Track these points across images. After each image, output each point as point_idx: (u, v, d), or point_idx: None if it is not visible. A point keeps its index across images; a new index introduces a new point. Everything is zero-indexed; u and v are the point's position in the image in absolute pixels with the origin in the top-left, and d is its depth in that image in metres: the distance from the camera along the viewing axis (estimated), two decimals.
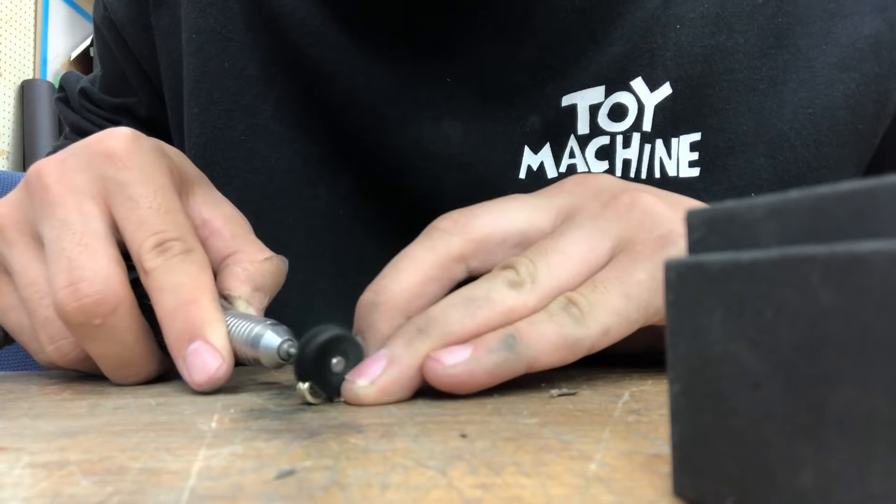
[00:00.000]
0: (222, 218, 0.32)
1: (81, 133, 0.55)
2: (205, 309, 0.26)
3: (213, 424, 0.20)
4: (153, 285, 0.27)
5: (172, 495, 0.13)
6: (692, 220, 0.13)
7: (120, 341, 0.27)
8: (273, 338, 0.26)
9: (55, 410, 0.23)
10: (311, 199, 0.44)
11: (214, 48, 0.44)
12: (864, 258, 0.09)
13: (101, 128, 0.54)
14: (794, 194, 0.11)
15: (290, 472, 0.15)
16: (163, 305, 0.26)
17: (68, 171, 0.28)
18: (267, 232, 0.35)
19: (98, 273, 0.26)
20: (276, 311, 0.41)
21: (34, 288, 0.28)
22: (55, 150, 0.56)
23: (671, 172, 0.41)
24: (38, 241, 0.28)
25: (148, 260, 0.27)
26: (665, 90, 0.41)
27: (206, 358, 0.25)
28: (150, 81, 0.51)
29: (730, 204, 0.12)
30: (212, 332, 0.26)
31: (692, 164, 0.41)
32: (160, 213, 0.27)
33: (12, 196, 0.30)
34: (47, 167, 0.29)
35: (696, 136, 0.41)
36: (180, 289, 0.26)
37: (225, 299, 0.29)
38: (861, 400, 0.09)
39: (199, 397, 0.25)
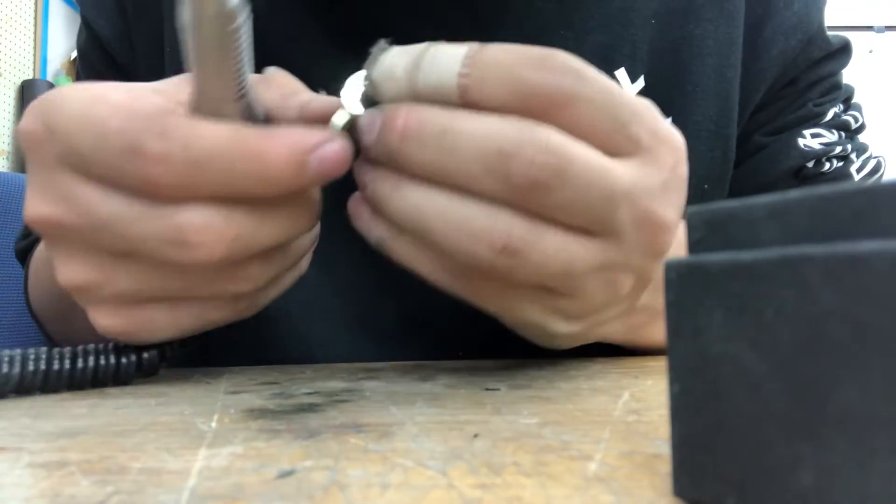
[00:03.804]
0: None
1: None
2: (266, 144, 0.22)
3: (213, 424, 0.20)
4: (203, 193, 0.22)
5: (172, 495, 0.13)
6: (692, 220, 0.13)
7: (266, 211, 0.24)
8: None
9: (55, 410, 0.23)
10: None
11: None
12: (864, 258, 0.09)
13: None
14: (794, 194, 0.11)
15: (290, 472, 0.15)
16: (247, 191, 0.23)
17: (44, 192, 0.25)
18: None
19: (177, 214, 0.23)
20: (252, 325, 0.41)
21: (170, 276, 0.25)
22: None
23: None
24: (117, 259, 0.25)
25: (154, 189, 0.22)
26: (640, 83, 0.42)
27: (331, 155, 0.23)
28: None
29: (730, 204, 0.12)
30: (302, 139, 0.23)
31: None
32: (99, 142, 0.23)
33: (56, 258, 0.26)
34: (32, 208, 0.25)
35: (668, 122, 0.42)
36: (234, 165, 0.22)
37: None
38: (861, 400, 0.09)
39: (199, 397, 0.25)
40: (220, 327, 0.28)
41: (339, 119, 0.25)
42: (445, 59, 0.22)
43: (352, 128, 0.25)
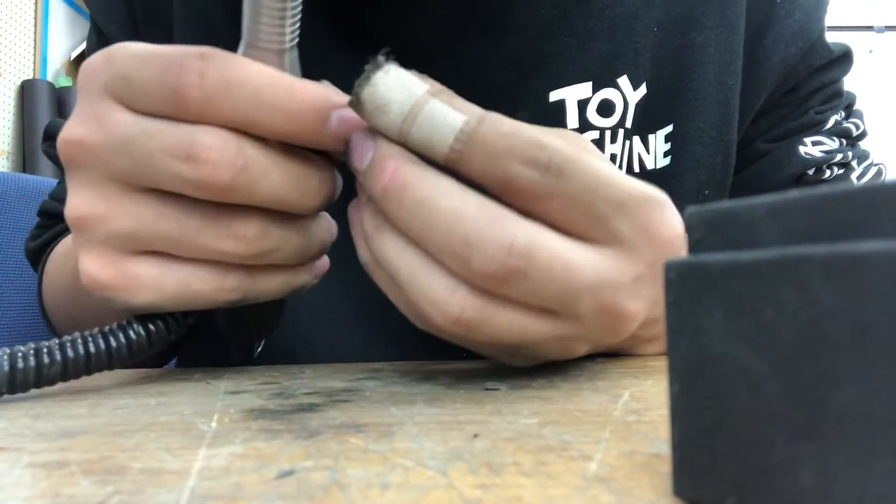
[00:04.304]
0: None
1: None
2: (297, 85, 0.24)
3: (213, 424, 0.20)
4: (229, 116, 0.24)
5: (172, 495, 0.13)
6: (692, 220, 0.13)
7: (274, 161, 0.25)
8: None
9: (55, 410, 0.23)
10: None
11: None
12: (864, 258, 0.09)
13: None
14: (794, 194, 0.11)
15: (290, 472, 0.15)
16: (270, 122, 0.24)
17: (83, 114, 0.26)
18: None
19: (187, 134, 0.24)
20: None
21: (165, 218, 0.25)
22: (56, 187, 0.54)
23: (649, 166, 0.42)
24: (129, 188, 0.25)
25: (185, 104, 0.24)
26: (642, 90, 0.42)
27: (352, 120, 0.24)
28: None
29: (730, 204, 0.12)
30: (329, 95, 0.24)
31: (666, 153, 0.43)
32: (144, 67, 0.24)
33: (71, 185, 0.26)
34: (67, 129, 0.26)
35: (670, 128, 0.43)
36: (261, 93, 0.23)
37: None
38: (861, 400, 0.09)
39: (199, 397, 0.25)
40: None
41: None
42: (442, 125, 0.22)
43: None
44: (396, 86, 0.23)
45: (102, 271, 0.26)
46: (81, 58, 2.41)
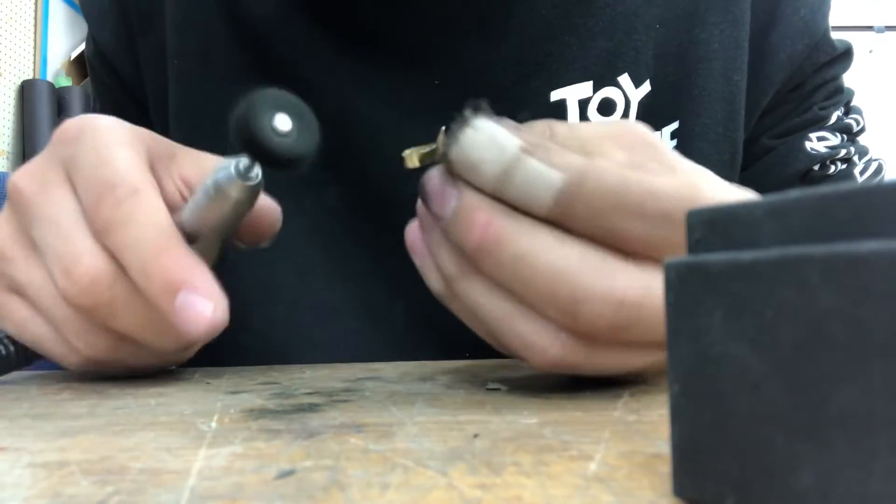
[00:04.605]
0: (202, 172, 0.30)
1: None
2: (174, 254, 0.25)
3: (213, 424, 0.20)
4: (114, 247, 0.25)
5: (172, 495, 0.13)
6: (692, 220, 0.13)
7: (141, 305, 0.26)
8: (222, 168, 0.24)
9: (55, 410, 0.23)
10: (297, 213, 0.43)
11: (196, 69, 0.43)
12: (864, 258, 0.09)
13: None
14: (793, 194, 0.11)
15: (290, 472, 0.15)
16: (131, 267, 0.25)
17: (37, 171, 0.28)
18: (251, 249, 0.35)
19: (83, 251, 0.26)
20: (260, 329, 0.41)
21: (43, 292, 0.28)
22: None
23: None
24: (36, 248, 0.28)
25: (95, 220, 0.26)
26: (646, 87, 0.42)
27: (197, 308, 0.24)
28: (145, 109, 0.49)
29: (730, 204, 0.12)
30: (192, 275, 0.24)
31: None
32: (98, 167, 0.26)
33: (1, 216, 0.30)
34: (19, 175, 0.29)
35: (675, 125, 0.43)
36: (141, 243, 0.25)
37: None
38: (861, 400, 0.09)
39: (199, 397, 0.25)
40: (225, 331, 0.28)
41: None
42: (539, 184, 0.20)
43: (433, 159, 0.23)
44: (487, 144, 0.21)
45: None
46: (81, 58, 2.41)
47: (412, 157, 0.23)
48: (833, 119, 0.46)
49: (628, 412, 0.20)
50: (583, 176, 0.20)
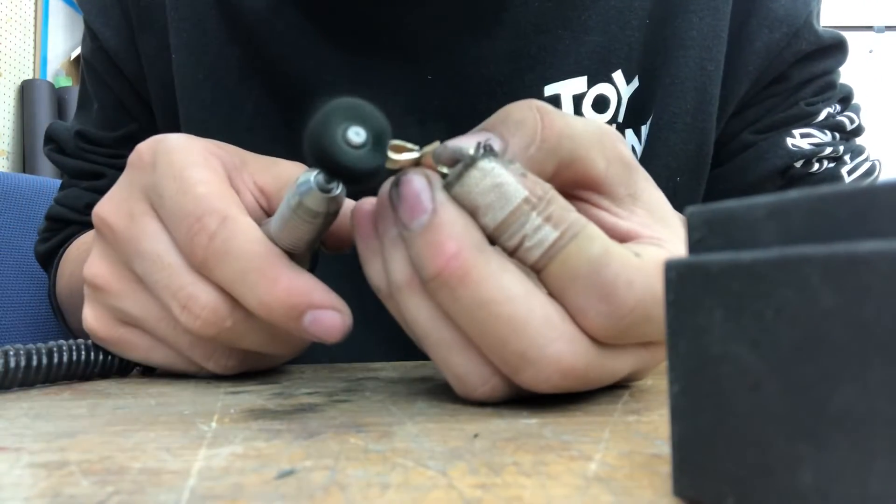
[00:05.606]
0: (275, 180, 0.30)
1: (86, 177, 0.53)
2: (286, 280, 0.24)
3: (213, 424, 0.20)
4: (222, 282, 0.25)
5: (172, 495, 0.13)
6: (692, 220, 0.13)
7: (264, 326, 0.26)
8: (303, 183, 0.23)
9: (55, 410, 0.23)
10: None
11: (194, 65, 0.43)
12: (864, 258, 0.09)
13: (108, 166, 0.53)
14: (793, 194, 0.11)
15: (290, 472, 0.15)
16: (246, 301, 0.25)
17: (121, 202, 0.28)
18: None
19: (193, 286, 0.26)
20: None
21: (163, 323, 0.28)
22: (61, 192, 0.55)
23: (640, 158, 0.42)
24: (140, 282, 0.28)
25: (192, 255, 0.25)
26: (635, 83, 0.42)
27: (326, 323, 0.24)
28: (149, 106, 0.49)
29: (730, 204, 0.12)
30: (311, 296, 0.24)
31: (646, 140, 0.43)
32: (180, 195, 0.26)
33: (95, 252, 0.30)
34: (103, 207, 0.29)
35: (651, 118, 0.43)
36: (248, 275, 0.24)
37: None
38: (861, 400, 0.09)
39: (199, 397, 0.25)
40: None
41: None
42: (535, 239, 0.20)
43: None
44: (492, 191, 0.20)
45: (100, 329, 0.29)
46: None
47: (393, 159, 0.22)
48: (822, 116, 0.45)
49: (628, 412, 0.20)
50: (572, 237, 0.20)
